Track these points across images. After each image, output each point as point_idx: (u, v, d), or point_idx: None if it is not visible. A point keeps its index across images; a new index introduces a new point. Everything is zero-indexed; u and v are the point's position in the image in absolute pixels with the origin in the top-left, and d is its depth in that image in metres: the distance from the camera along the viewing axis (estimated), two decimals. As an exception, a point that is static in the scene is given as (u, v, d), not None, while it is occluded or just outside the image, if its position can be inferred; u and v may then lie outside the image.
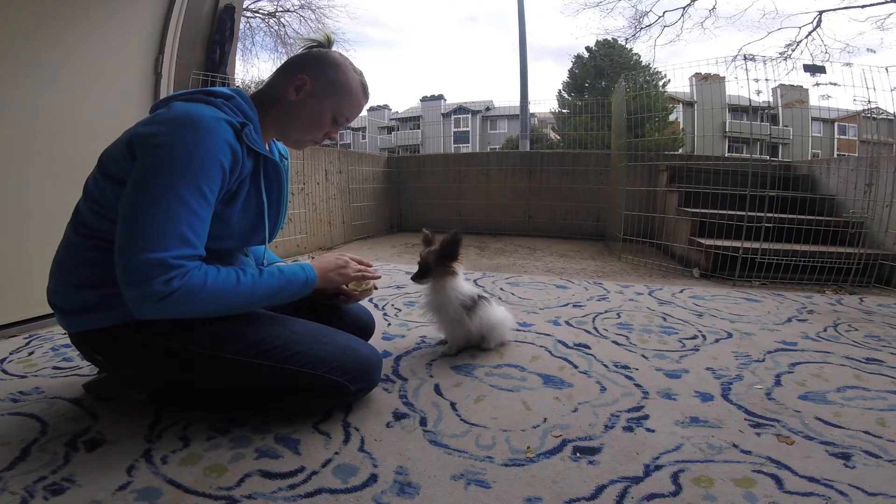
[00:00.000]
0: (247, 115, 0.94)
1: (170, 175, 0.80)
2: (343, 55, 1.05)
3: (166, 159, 0.80)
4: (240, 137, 0.89)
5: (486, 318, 1.36)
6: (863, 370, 1.28)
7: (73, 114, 1.69)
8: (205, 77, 2.17)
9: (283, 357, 0.94)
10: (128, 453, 0.86)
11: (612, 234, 3.53)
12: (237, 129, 0.88)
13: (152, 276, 0.77)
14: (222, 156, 0.84)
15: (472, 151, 9.16)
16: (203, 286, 0.82)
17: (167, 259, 0.78)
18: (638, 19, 10.52)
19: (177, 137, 0.81)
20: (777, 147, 5.21)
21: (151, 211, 0.79)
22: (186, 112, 0.84)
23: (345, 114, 1.05)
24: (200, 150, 0.82)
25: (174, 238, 0.79)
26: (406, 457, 0.87)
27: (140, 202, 0.80)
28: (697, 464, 0.85)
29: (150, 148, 0.82)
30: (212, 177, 0.83)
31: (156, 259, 0.77)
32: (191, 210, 0.81)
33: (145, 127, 0.85)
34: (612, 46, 17.72)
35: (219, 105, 0.90)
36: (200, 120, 0.83)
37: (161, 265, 0.78)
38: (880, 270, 2.40)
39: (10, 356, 1.34)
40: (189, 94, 0.94)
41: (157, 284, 0.77)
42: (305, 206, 3.40)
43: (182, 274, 0.79)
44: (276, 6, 11.98)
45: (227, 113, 0.90)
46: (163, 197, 0.79)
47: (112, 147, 0.90)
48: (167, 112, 0.85)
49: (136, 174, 0.82)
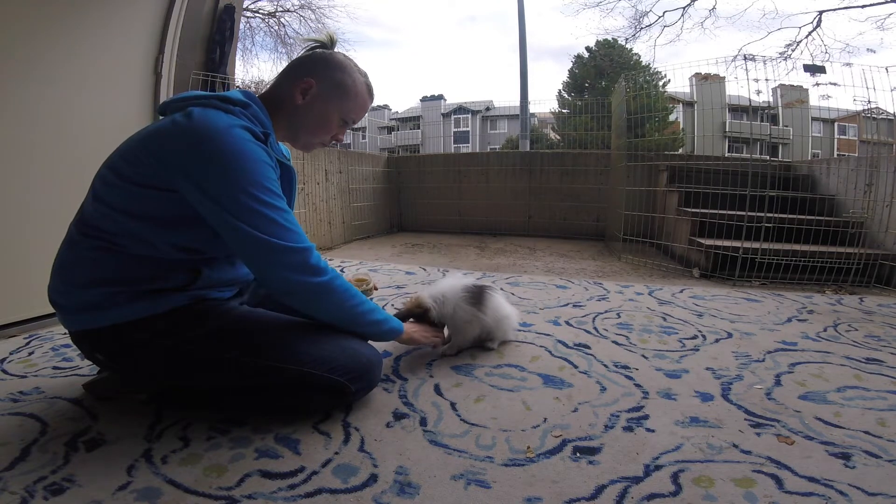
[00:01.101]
0: (264, 123, 0.95)
1: (242, 184, 0.84)
2: (347, 56, 1.06)
3: (229, 170, 0.83)
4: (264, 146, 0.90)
5: (495, 311, 1.34)
6: (863, 370, 1.28)
7: (73, 113, 1.69)
8: (205, 77, 2.17)
9: (283, 357, 0.94)
10: (128, 453, 0.86)
11: (612, 234, 3.53)
12: (262, 139, 0.90)
13: (306, 256, 0.89)
14: (265, 156, 0.89)
15: (472, 151, 9.16)
16: (343, 286, 0.95)
17: (308, 247, 0.89)
18: (638, 19, 10.53)
19: (222, 147, 0.83)
20: (777, 147, 5.21)
21: (255, 217, 0.85)
22: (213, 125, 0.84)
23: (351, 115, 1.05)
24: (249, 155, 0.86)
25: (291, 232, 0.88)
26: (406, 457, 0.87)
27: (240, 217, 0.84)
28: (697, 464, 0.85)
29: (200, 162, 0.83)
30: (269, 175, 0.88)
31: (300, 248, 0.88)
32: (277, 208, 0.87)
33: (170, 136, 0.85)
34: (612, 46, 17.71)
35: (237, 114, 0.90)
36: (233, 129, 0.85)
37: (308, 250, 0.89)
38: (880, 270, 2.40)
39: (10, 356, 1.34)
40: (205, 100, 0.92)
41: (311, 260, 0.89)
42: (305, 206, 3.40)
43: (323, 262, 0.92)
44: (276, 6, 11.99)
45: (247, 122, 0.90)
46: (251, 207, 0.84)
47: (128, 149, 0.90)
48: (188, 122, 0.84)
49: (210, 191, 0.84)
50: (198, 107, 0.88)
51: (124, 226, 0.88)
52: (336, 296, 0.95)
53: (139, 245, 0.89)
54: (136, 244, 0.89)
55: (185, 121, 0.85)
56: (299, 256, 0.88)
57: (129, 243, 0.89)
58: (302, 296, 0.92)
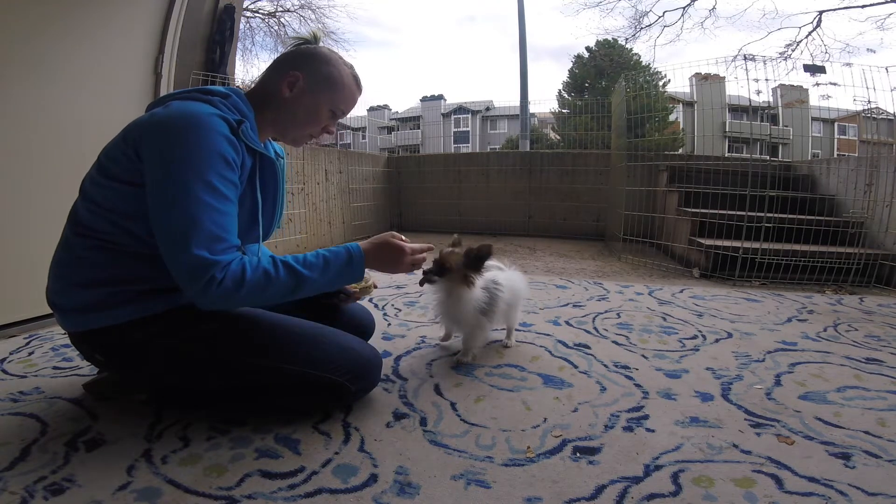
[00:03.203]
0: (243, 112, 0.94)
1: (182, 174, 0.81)
2: (332, 50, 1.06)
3: (172, 159, 0.82)
4: (236, 134, 0.89)
5: (508, 297, 1.34)
6: (863, 370, 1.28)
7: (73, 114, 1.69)
8: (205, 77, 2.17)
9: (283, 357, 0.94)
10: (128, 453, 0.86)
11: (612, 234, 3.53)
12: (233, 125, 0.88)
13: (196, 273, 0.81)
14: (223, 150, 0.85)
15: (472, 151, 9.16)
16: (243, 277, 0.84)
17: (203, 255, 0.81)
18: (638, 19, 10.53)
19: (177, 137, 0.82)
20: (777, 147, 5.21)
21: (175, 212, 0.81)
22: (182, 111, 0.85)
23: (340, 106, 1.05)
24: (201, 146, 0.82)
25: (202, 235, 0.82)
26: (406, 457, 0.87)
27: (162, 205, 0.82)
28: (697, 464, 0.85)
29: (154, 150, 0.83)
30: (219, 170, 0.84)
31: (194, 257, 0.80)
32: (208, 205, 0.83)
33: (143, 127, 0.86)
34: (612, 46, 17.70)
35: (215, 103, 0.91)
36: (196, 117, 0.84)
37: (199, 262, 0.81)
38: (880, 270, 2.40)
39: (10, 356, 1.34)
40: (186, 94, 0.94)
41: (201, 280, 0.81)
42: (305, 206, 3.40)
43: (222, 266, 0.82)
44: (276, 6, 11.97)
45: (223, 110, 0.90)
46: (179, 197, 0.81)
47: (110, 146, 0.90)
48: (164, 111, 0.86)
49: (150, 177, 0.83)
50: (178, 100, 0.90)
51: (116, 224, 0.88)
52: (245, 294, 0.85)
53: (134, 242, 0.89)
54: (132, 241, 0.89)
55: (162, 111, 0.86)
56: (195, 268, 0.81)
57: (124, 241, 0.89)
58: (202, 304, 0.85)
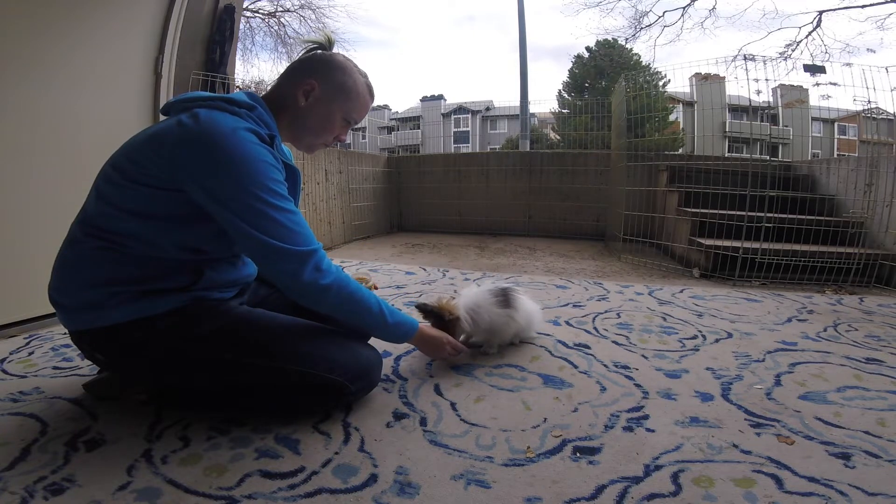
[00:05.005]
0: (269, 125, 0.96)
1: (250, 187, 0.85)
2: (347, 57, 1.06)
3: (236, 173, 0.83)
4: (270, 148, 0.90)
5: (525, 309, 1.37)
6: (863, 370, 1.28)
7: (73, 114, 1.69)
8: (205, 77, 2.17)
9: (283, 357, 0.94)
10: (128, 453, 0.86)
11: (612, 234, 3.53)
12: (267, 141, 0.90)
13: (311, 258, 0.89)
14: (271, 158, 0.89)
15: (472, 151, 9.16)
16: (349, 284, 0.95)
17: (313, 248, 0.90)
18: (638, 19, 10.52)
19: (229, 150, 0.83)
20: (777, 147, 5.21)
21: (264, 221, 0.85)
22: (222, 125, 0.85)
23: (353, 115, 1.07)
24: (256, 157, 0.86)
25: (297, 234, 0.89)
26: (406, 457, 0.87)
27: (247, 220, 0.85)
28: (697, 464, 0.85)
29: (207, 165, 0.83)
30: (276, 177, 0.89)
31: (306, 251, 0.89)
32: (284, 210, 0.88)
33: (181, 139, 0.84)
34: (612, 46, 17.71)
35: (243, 116, 0.90)
36: (239, 131, 0.85)
37: (312, 252, 0.89)
38: (880, 270, 2.40)
39: (10, 356, 1.34)
40: (209, 101, 0.91)
41: (310, 267, 0.89)
42: (305, 206, 3.40)
43: (329, 262, 0.92)
44: (276, 6, 11.96)
45: (252, 124, 0.90)
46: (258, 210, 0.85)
47: (132, 149, 0.90)
48: (198, 124, 0.84)
49: (218, 195, 0.84)
50: (203, 108, 0.88)
51: (129, 225, 0.88)
52: (343, 296, 0.94)
53: (144, 245, 0.89)
54: (141, 245, 0.89)
55: (192, 122, 0.84)
56: (305, 259, 0.89)
57: (132, 244, 0.89)
58: (311, 297, 0.93)
